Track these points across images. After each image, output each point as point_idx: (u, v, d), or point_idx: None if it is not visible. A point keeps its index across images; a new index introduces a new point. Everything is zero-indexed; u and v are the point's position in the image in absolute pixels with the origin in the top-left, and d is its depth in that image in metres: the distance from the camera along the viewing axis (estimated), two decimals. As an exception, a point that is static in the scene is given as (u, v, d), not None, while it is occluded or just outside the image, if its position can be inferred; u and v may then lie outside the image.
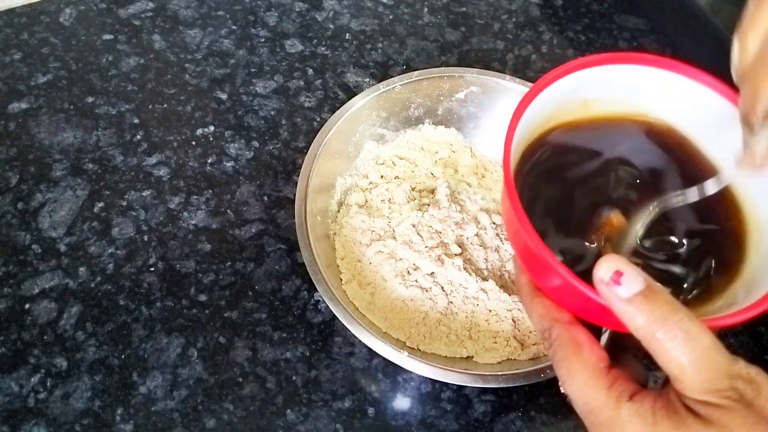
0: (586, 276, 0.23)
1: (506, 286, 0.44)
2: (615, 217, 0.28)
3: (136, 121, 0.54)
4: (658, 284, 0.22)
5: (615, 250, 0.27)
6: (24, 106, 0.54)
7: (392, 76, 0.51)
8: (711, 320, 0.23)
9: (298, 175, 0.44)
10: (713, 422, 0.21)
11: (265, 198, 0.50)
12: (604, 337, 0.28)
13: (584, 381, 0.24)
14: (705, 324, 0.22)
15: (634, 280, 0.22)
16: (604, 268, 0.22)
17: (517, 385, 0.38)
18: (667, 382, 0.23)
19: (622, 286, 0.22)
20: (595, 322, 0.26)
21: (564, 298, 0.26)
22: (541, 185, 0.29)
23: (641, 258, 0.27)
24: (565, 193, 0.29)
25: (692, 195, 0.26)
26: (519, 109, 0.27)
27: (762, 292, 0.24)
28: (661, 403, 0.23)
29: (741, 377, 0.21)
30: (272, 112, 0.55)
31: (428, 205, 0.47)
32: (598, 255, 0.25)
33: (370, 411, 0.41)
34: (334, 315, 0.39)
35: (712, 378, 0.21)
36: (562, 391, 0.25)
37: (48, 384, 0.41)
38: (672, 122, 0.30)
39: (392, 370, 0.43)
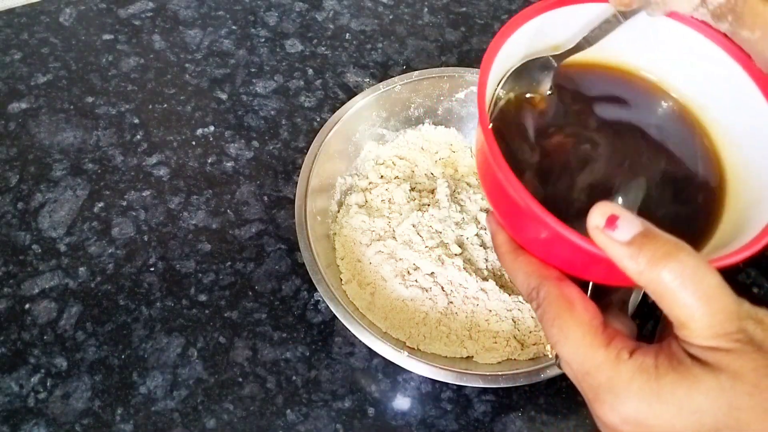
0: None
1: (506, 286, 0.44)
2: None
3: (136, 121, 0.54)
4: (656, 228, 0.21)
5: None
6: (24, 106, 0.54)
7: (392, 76, 0.51)
8: (713, 260, 0.21)
9: (298, 175, 0.44)
10: (723, 369, 0.20)
11: (265, 198, 0.50)
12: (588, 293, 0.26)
13: (579, 340, 0.22)
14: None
15: (631, 222, 0.20)
16: (598, 213, 0.21)
17: (517, 385, 0.38)
18: (664, 335, 0.22)
19: (619, 230, 0.20)
20: (583, 275, 0.24)
21: (551, 252, 0.24)
22: (516, 135, 0.27)
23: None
24: (540, 143, 0.28)
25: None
26: (490, 53, 0.25)
27: (754, 232, 0.22)
28: (663, 356, 0.21)
29: (751, 318, 0.20)
30: (272, 112, 0.55)
31: (428, 205, 0.47)
32: (582, 208, 0.24)
33: (370, 411, 0.42)
34: (334, 315, 0.39)
35: (722, 320, 0.20)
36: (550, 355, 0.24)
37: (48, 384, 0.41)
38: (638, 63, 0.29)
39: (392, 370, 0.43)
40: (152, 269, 0.46)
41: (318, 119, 0.55)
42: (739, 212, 0.25)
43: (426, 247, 0.44)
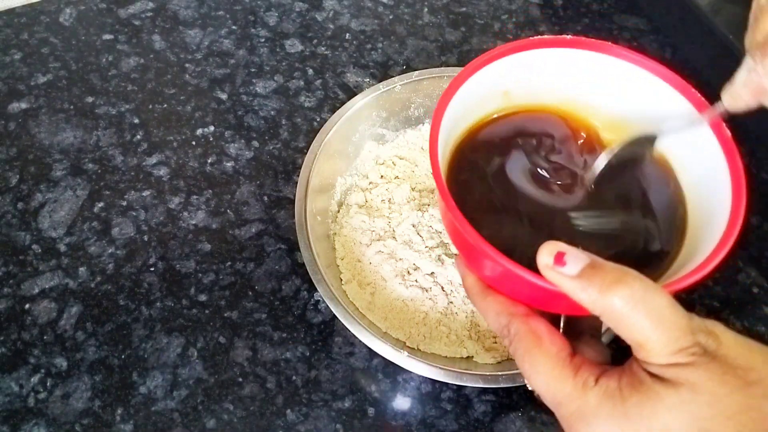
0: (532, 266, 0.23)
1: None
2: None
3: (136, 121, 0.54)
4: (602, 259, 0.22)
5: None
6: (24, 106, 0.54)
7: (392, 76, 0.51)
8: (667, 284, 0.23)
9: (298, 175, 0.44)
10: (682, 383, 0.20)
11: (265, 198, 0.50)
12: (560, 324, 0.27)
13: (549, 373, 0.23)
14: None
15: (577, 257, 0.21)
16: (546, 252, 0.22)
17: (517, 385, 0.38)
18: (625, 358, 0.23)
19: (567, 266, 0.21)
20: (549, 309, 0.25)
21: (513, 289, 0.25)
22: (472, 181, 0.28)
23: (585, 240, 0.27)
24: (494, 186, 0.29)
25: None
26: (441, 105, 0.26)
27: (702, 257, 0.23)
28: (626, 378, 0.22)
29: (701, 330, 0.21)
30: (272, 112, 0.55)
31: (428, 205, 0.47)
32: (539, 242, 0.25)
33: (370, 411, 0.42)
34: (334, 315, 0.39)
35: (677, 336, 0.20)
36: (529, 387, 0.25)
37: (48, 384, 0.41)
38: (592, 103, 0.30)
39: (392, 370, 0.43)
40: (152, 269, 0.46)
41: (318, 119, 0.55)
42: (696, 235, 0.26)
43: (426, 247, 0.44)
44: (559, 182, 0.29)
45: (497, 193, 0.28)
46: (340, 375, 0.43)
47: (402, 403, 0.42)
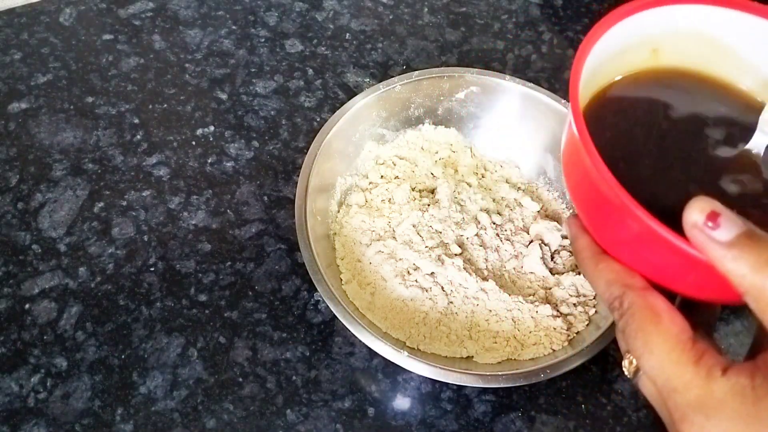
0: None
1: (506, 286, 0.44)
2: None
3: (136, 121, 0.54)
4: (758, 228, 0.19)
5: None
6: (24, 106, 0.54)
7: (392, 76, 0.51)
8: None
9: (298, 175, 0.44)
10: None
11: (265, 198, 0.50)
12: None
13: (666, 355, 0.21)
14: None
15: (733, 221, 0.19)
16: (697, 209, 0.19)
17: (517, 385, 0.38)
18: (760, 351, 0.20)
19: (720, 229, 0.18)
20: (674, 285, 0.22)
21: (639, 255, 0.22)
22: (608, 131, 0.25)
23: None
24: (635, 139, 0.25)
25: None
26: (585, 45, 0.23)
27: None
28: (761, 376, 0.19)
29: None
30: (272, 112, 0.55)
31: (428, 205, 0.47)
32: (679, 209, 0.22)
33: (370, 411, 0.42)
34: (334, 315, 0.39)
35: None
36: (626, 372, 0.23)
37: (48, 384, 0.41)
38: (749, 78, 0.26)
39: (392, 370, 0.43)
40: (152, 269, 0.46)
41: (318, 119, 0.55)
42: None
43: (426, 247, 0.44)
44: (714, 146, 0.25)
45: (638, 147, 0.25)
46: (340, 375, 0.43)
47: (402, 403, 0.42)
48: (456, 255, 0.43)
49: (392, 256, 0.44)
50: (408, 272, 0.43)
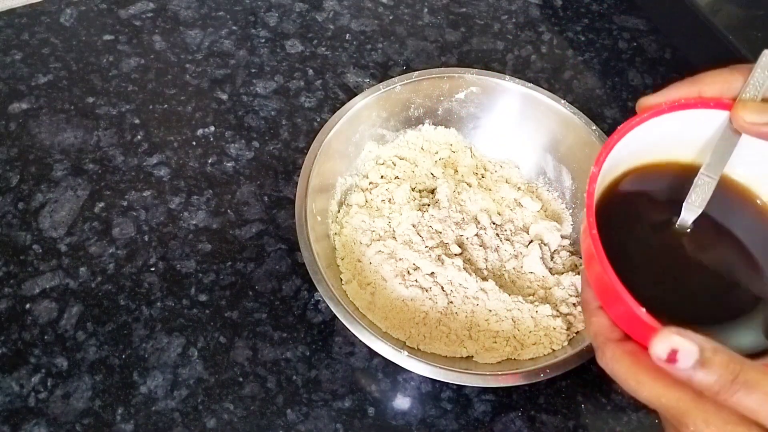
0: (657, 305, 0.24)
1: (506, 286, 0.44)
2: None
3: (137, 121, 0.54)
4: (712, 343, 0.22)
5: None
6: (25, 106, 0.54)
7: (392, 77, 0.51)
8: None
9: (299, 176, 0.44)
10: None
11: (266, 198, 0.50)
12: None
13: (653, 382, 0.24)
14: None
15: (689, 353, 0.22)
16: (660, 348, 0.22)
17: (517, 384, 0.39)
18: None
19: (680, 362, 0.22)
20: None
21: (624, 322, 0.27)
22: (619, 227, 0.30)
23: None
24: (640, 237, 0.30)
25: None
26: (612, 141, 0.28)
27: None
28: None
29: None
30: (272, 113, 0.55)
31: (428, 205, 0.47)
32: (672, 294, 0.28)
33: (371, 411, 0.42)
34: (334, 315, 0.39)
35: None
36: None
37: (48, 384, 0.41)
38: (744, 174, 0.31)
39: (392, 369, 0.43)
40: (153, 269, 0.46)
41: (318, 119, 0.55)
42: None
43: (426, 247, 0.44)
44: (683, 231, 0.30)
45: (634, 238, 0.30)
46: (341, 375, 0.43)
47: (402, 402, 0.42)
48: (456, 255, 0.44)
49: (392, 256, 0.44)
50: (408, 272, 0.43)
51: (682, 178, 0.31)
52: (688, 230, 0.30)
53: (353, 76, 0.58)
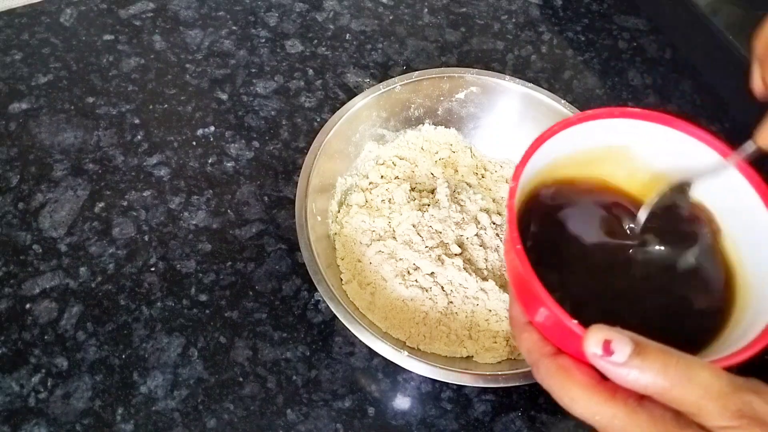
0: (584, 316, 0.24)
1: (506, 285, 0.44)
2: None
3: (137, 121, 0.54)
4: (643, 338, 0.23)
5: None
6: (25, 106, 0.54)
7: (392, 77, 0.51)
8: (714, 360, 0.24)
9: (299, 175, 0.44)
10: None
11: (266, 198, 0.50)
12: None
13: (587, 400, 0.24)
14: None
15: (622, 342, 0.22)
16: (593, 342, 0.22)
17: (517, 384, 0.39)
18: None
19: (615, 354, 0.22)
20: (574, 353, 0.26)
21: (555, 335, 0.27)
22: (543, 240, 0.30)
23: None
24: (562, 235, 0.30)
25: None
26: (526, 155, 0.28)
27: (754, 334, 0.25)
28: (672, 412, 0.23)
29: (750, 390, 0.22)
30: (272, 113, 0.55)
31: (428, 205, 0.47)
32: (600, 301, 0.28)
33: (371, 411, 0.42)
34: (334, 315, 0.39)
35: (725, 404, 0.21)
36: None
37: (49, 384, 0.41)
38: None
39: (392, 369, 0.43)
40: (153, 269, 0.46)
41: (318, 119, 0.55)
42: (745, 314, 0.27)
43: (426, 247, 0.44)
44: (613, 236, 0.30)
45: (559, 243, 0.30)
46: (341, 375, 0.43)
47: (402, 402, 0.42)
48: (456, 255, 0.44)
49: (392, 256, 0.44)
50: (408, 272, 0.43)
51: (603, 188, 0.32)
52: (615, 239, 0.30)
53: (353, 76, 0.58)
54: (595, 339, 0.22)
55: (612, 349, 0.22)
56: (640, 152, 0.31)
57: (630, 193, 0.32)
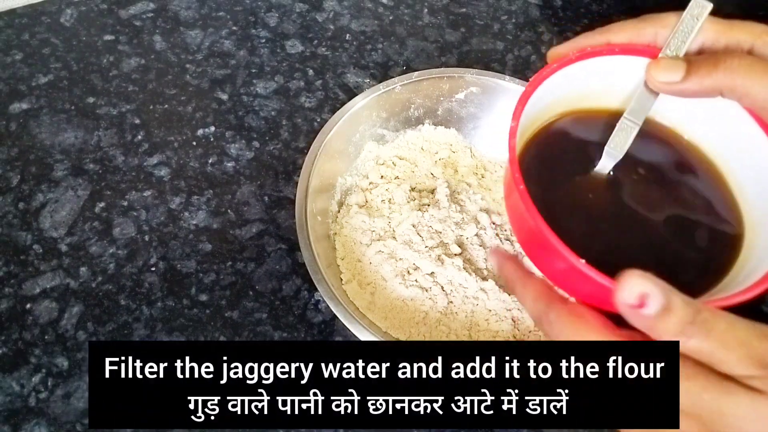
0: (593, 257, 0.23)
1: (505, 286, 0.44)
2: None
3: (137, 121, 0.54)
4: (671, 288, 0.22)
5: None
6: (25, 106, 0.54)
7: (392, 77, 0.51)
8: (717, 300, 0.24)
9: (299, 176, 0.44)
10: (764, 392, 0.21)
11: (266, 198, 0.50)
12: None
13: (595, 339, 0.23)
14: (713, 304, 0.23)
15: (657, 296, 0.21)
16: (629, 292, 0.21)
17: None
18: None
19: (647, 307, 0.21)
20: (606, 306, 0.25)
21: (576, 287, 0.25)
22: (544, 173, 0.29)
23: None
24: (568, 183, 0.29)
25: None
26: (525, 94, 0.27)
27: (761, 273, 0.24)
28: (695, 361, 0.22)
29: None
30: (273, 113, 0.55)
31: (428, 205, 0.47)
32: (606, 241, 0.27)
33: (371, 410, 0.42)
34: (334, 315, 0.39)
35: (746, 352, 0.21)
36: None
37: (49, 383, 0.41)
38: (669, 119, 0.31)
39: (392, 369, 0.43)
40: (153, 269, 0.46)
41: (318, 119, 0.55)
42: (751, 258, 0.27)
43: (426, 247, 0.44)
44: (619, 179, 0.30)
45: (563, 187, 0.29)
46: (341, 374, 0.43)
47: (402, 402, 0.42)
48: (456, 255, 0.44)
49: (392, 256, 0.44)
50: (408, 272, 0.43)
51: (603, 125, 0.31)
52: (611, 174, 0.29)
53: (353, 76, 0.58)
54: (632, 290, 0.21)
55: (646, 303, 0.21)
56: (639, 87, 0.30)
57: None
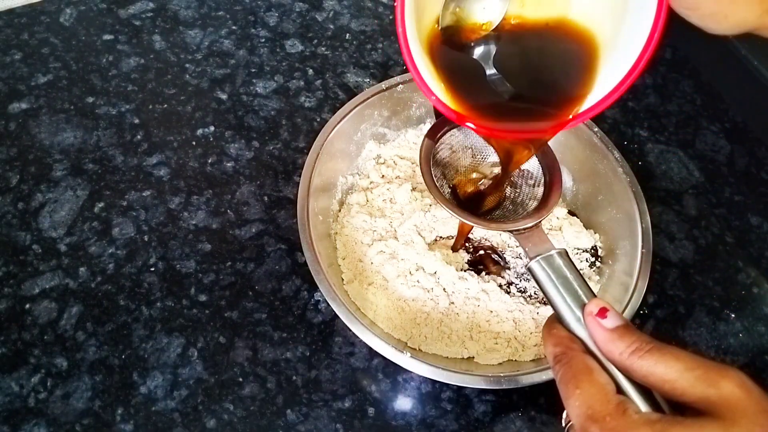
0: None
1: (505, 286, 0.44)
2: None
3: (137, 121, 0.54)
4: (628, 322, 0.26)
5: None
6: (24, 106, 0.54)
7: (392, 76, 0.51)
8: (587, 111, 0.30)
9: (298, 175, 0.44)
10: (719, 415, 0.23)
11: (265, 198, 0.50)
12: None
13: (593, 394, 0.25)
14: (589, 113, 0.30)
15: (616, 317, 0.26)
16: (594, 304, 0.27)
17: (518, 386, 0.38)
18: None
19: (607, 319, 0.26)
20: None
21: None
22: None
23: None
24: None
25: None
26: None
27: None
28: (668, 418, 0.24)
29: (713, 371, 0.24)
30: (272, 113, 0.55)
31: (430, 205, 0.47)
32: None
33: (371, 411, 0.41)
34: (334, 315, 0.39)
35: (697, 382, 0.23)
36: (563, 423, 0.27)
37: (48, 384, 0.41)
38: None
39: (392, 370, 0.43)
40: (152, 269, 0.46)
41: (318, 119, 0.55)
42: (608, 69, 0.32)
43: (428, 247, 0.44)
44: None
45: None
46: (341, 375, 0.43)
47: (402, 403, 0.42)
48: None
49: (394, 257, 0.44)
50: (410, 273, 0.43)
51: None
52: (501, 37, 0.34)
53: (353, 75, 0.58)
54: (596, 303, 0.27)
55: (606, 316, 0.26)
56: None
57: None
